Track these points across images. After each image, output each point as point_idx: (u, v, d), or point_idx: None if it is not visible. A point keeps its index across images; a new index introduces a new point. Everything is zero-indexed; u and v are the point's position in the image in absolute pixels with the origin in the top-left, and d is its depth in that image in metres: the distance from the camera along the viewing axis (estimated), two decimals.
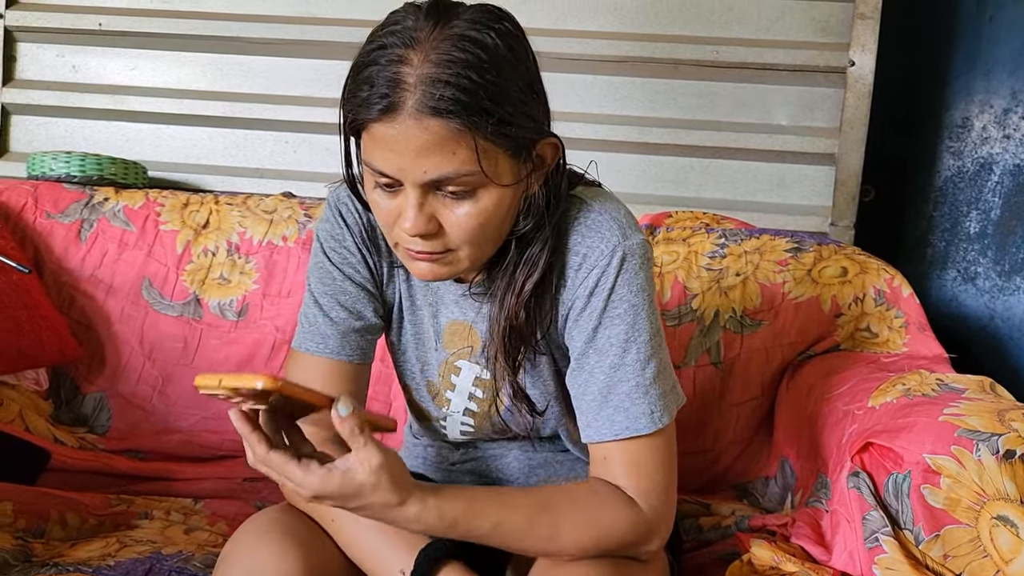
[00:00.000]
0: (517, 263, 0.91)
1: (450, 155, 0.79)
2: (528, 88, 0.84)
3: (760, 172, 2.08)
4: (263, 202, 1.87)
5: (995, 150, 1.99)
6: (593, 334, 0.91)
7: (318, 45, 2.09)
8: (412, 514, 0.79)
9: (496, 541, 0.85)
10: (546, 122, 0.88)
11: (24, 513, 1.23)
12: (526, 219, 0.89)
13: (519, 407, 0.98)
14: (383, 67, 0.78)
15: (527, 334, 0.93)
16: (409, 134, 0.78)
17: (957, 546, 0.96)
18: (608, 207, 0.93)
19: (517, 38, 0.84)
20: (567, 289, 0.93)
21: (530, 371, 1.00)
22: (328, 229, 1.00)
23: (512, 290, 0.91)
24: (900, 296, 1.59)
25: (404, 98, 0.77)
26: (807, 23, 2.03)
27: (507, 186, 0.84)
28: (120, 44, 2.18)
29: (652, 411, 0.89)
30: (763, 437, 1.58)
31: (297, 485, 0.76)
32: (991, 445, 0.96)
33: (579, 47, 2.03)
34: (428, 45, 0.78)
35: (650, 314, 0.92)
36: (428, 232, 0.84)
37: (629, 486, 0.89)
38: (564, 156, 0.91)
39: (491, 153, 0.81)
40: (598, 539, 0.86)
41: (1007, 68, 1.96)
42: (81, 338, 1.74)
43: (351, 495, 0.76)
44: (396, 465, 0.78)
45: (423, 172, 0.80)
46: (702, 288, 1.65)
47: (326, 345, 0.98)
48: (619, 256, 0.90)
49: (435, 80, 0.76)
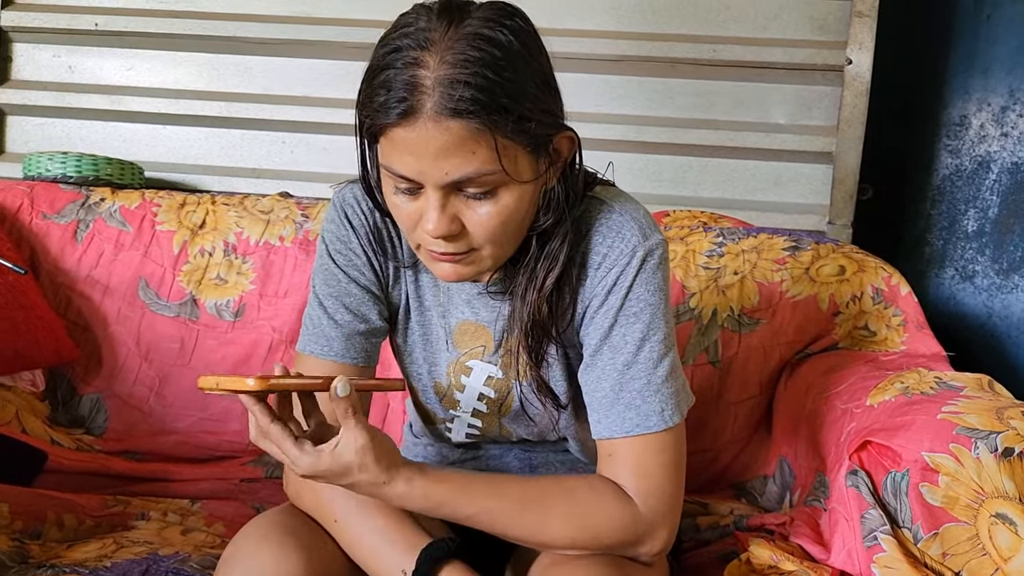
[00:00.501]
0: (538, 258, 0.91)
1: (470, 155, 0.79)
2: (543, 83, 0.84)
3: (758, 171, 2.08)
4: (260, 202, 1.86)
5: (993, 148, 1.99)
6: (609, 331, 0.91)
7: (315, 45, 2.09)
8: (398, 492, 0.83)
9: (483, 525, 0.87)
10: (561, 116, 0.88)
11: (21, 514, 1.22)
12: (546, 214, 0.90)
13: (543, 401, 0.98)
14: (399, 71, 0.77)
15: (549, 328, 0.94)
16: (429, 136, 0.77)
17: (956, 544, 0.96)
18: (628, 207, 0.94)
19: (529, 33, 0.83)
20: (586, 288, 0.94)
21: (544, 369, 1.00)
22: (333, 231, 0.99)
23: (534, 285, 0.91)
24: (898, 294, 1.59)
25: (422, 101, 0.76)
26: (804, 21, 2.03)
27: (527, 183, 0.84)
28: (116, 44, 2.18)
29: (663, 409, 0.90)
30: (761, 436, 1.57)
31: (292, 462, 0.80)
32: (990, 443, 0.96)
33: (576, 46, 2.03)
34: (443, 46, 0.77)
35: (665, 313, 0.92)
36: (451, 233, 0.83)
37: (631, 485, 0.89)
38: (580, 149, 0.91)
39: (511, 151, 0.81)
40: (588, 534, 0.87)
41: (1005, 66, 1.96)
42: (78, 339, 1.74)
43: (340, 473, 0.80)
44: (383, 444, 0.81)
45: (444, 174, 0.79)
46: (700, 287, 1.65)
47: (331, 348, 0.98)
48: (639, 256, 0.90)
49: (453, 81, 0.76)
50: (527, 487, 0.89)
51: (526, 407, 1.02)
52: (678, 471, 0.91)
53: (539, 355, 0.95)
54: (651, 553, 0.90)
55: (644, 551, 0.90)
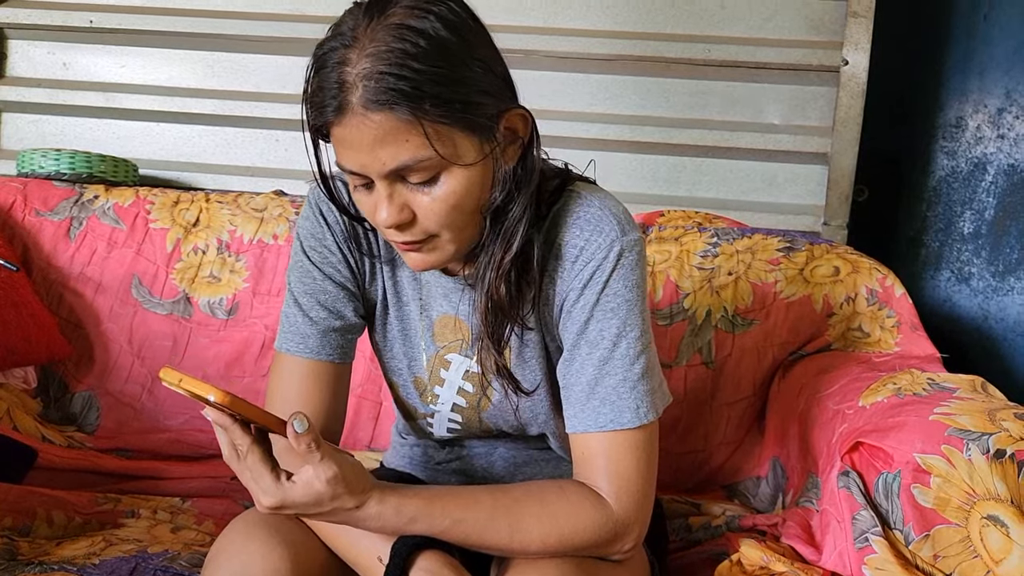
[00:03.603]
0: (494, 239, 0.91)
1: (403, 143, 0.80)
2: (480, 64, 0.83)
3: (753, 171, 2.07)
4: (254, 200, 1.86)
5: (989, 150, 1.99)
6: (585, 326, 0.91)
7: (309, 42, 2.03)
8: (372, 514, 0.83)
9: (458, 537, 0.86)
10: (507, 95, 0.88)
11: (10, 511, 1.22)
12: (497, 193, 0.89)
13: (505, 387, 0.97)
14: (330, 71, 0.80)
15: (509, 310, 0.93)
16: (361, 130, 0.79)
17: (947, 546, 0.96)
18: (608, 203, 0.94)
19: (461, 16, 0.84)
20: (563, 281, 0.93)
21: (516, 358, 1.00)
22: (309, 228, 1.00)
23: (492, 265, 0.91)
24: (892, 296, 1.58)
25: (349, 97, 0.78)
26: (800, 21, 2.03)
27: (471, 165, 0.84)
28: (111, 41, 2.18)
29: (638, 406, 0.90)
30: (754, 437, 1.57)
31: (263, 491, 0.79)
32: (981, 444, 0.96)
33: (570, 45, 2.03)
34: (365, 40, 0.79)
35: (642, 311, 0.92)
36: (402, 221, 0.85)
37: (603, 484, 0.89)
38: (536, 127, 0.91)
39: (445, 135, 0.81)
40: (562, 538, 0.87)
41: (1001, 67, 1.96)
42: (70, 336, 1.73)
43: (311, 504, 0.80)
44: (352, 472, 0.81)
45: (382, 164, 0.81)
46: (694, 287, 1.65)
47: (306, 345, 0.98)
48: (616, 251, 0.90)
49: (372, 74, 0.77)
50: (498, 495, 0.89)
51: (494, 406, 1.03)
52: (650, 469, 0.92)
53: (499, 338, 0.94)
54: (624, 551, 0.91)
55: (617, 549, 0.90)
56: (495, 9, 2.02)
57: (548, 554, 0.87)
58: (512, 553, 0.89)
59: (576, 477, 0.92)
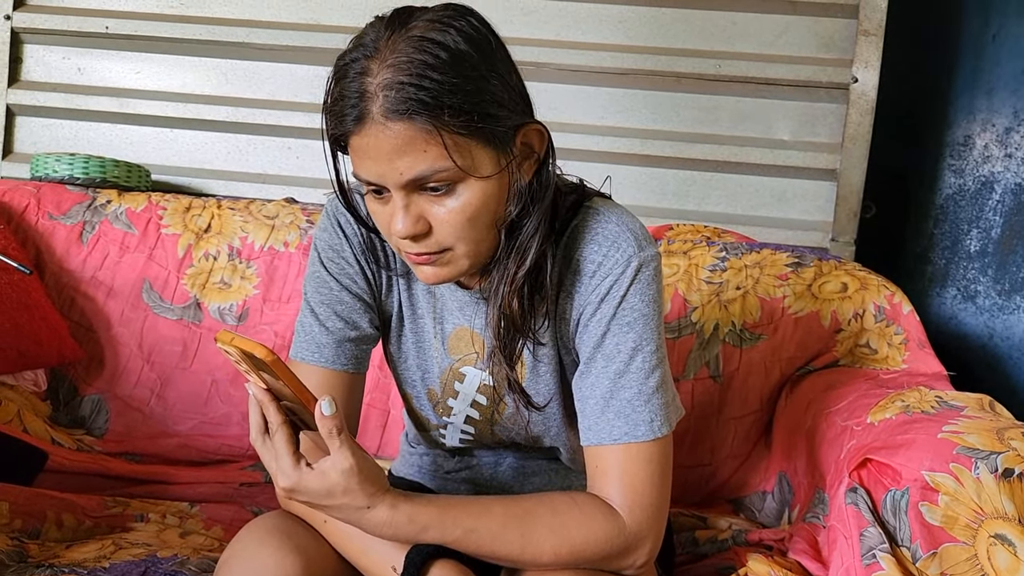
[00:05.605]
0: (509, 252, 0.91)
1: (421, 153, 0.80)
2: (498, 78, 0.84)
3: (762, 186, 2.08)
4: (265, 207, 1.87)
5: (996, 169, 1.99)
6: (602, 339, 0.92)
7: (323, 52, 2.10)
8: (382, 518, 0.82)
9: (469, 547, 0.86)
10: (524, 110, 0.89)
11: (20, 514, 1.22)
12: (512, 207, 0.90)
13: (517, 402, 0.98)
14: (351, 81, 0.81)
15: (521, 325, 0.93)
16: (380, 139, 0.80)
17: (954, 564, 0.96)
18: (625, 219, 0.94)
19: (481, 31, 0.85)
20: (580, 295, 0.94)
21: (530, 372, 1.00)
22: (326, 239, 1.00)
23: (505, 279, 0.91)
24: (900, 313, 1.59)
25: (369, 106, 0.79)
26: (810, 39, 2.04)
27: (488, 177, 0.85)
28: (126, 47, 2.19)
29: (652, 419, 0.90)
30: (761, 451, 1.57)
31: (282, 472, 0.80)
32: (990, 463, 0.96)
33: (582, 59, 2.04)
34: (387, 51, 0.80)
35: (658, 325, 0.93)
36: (418, 232, 0.85)
37: (616, 497, 0.89)
38: (551, 142, 0.91)
39: (463, 147, 0.82)
40: (573, 549, 0.87)
41: (1009, 87, 1.97)
42: (80, 340, 1.74)
43: (323, 493, 0.80)
44: (369, 469, 0.81)
45: (399, 174, 0.81)
46: (702, 301, 1.65)
47: (321, 355, 0.99)
48: (634, 266, 0.91)
49: (393, 84, 0.78)
50: (510, 506, 0.89)
51: (506, 418, 1.03)
52: (664, 482, 0.92)
53: (511, 353, 0.95)
54: (636, 565, 0.90)
55: (629, 563, 0.90)
56: (508, 21, 2.03)
57: (559, 566, 0.87)
58: (524, 564, 0.89)
59: (590, 490, 0.92)
